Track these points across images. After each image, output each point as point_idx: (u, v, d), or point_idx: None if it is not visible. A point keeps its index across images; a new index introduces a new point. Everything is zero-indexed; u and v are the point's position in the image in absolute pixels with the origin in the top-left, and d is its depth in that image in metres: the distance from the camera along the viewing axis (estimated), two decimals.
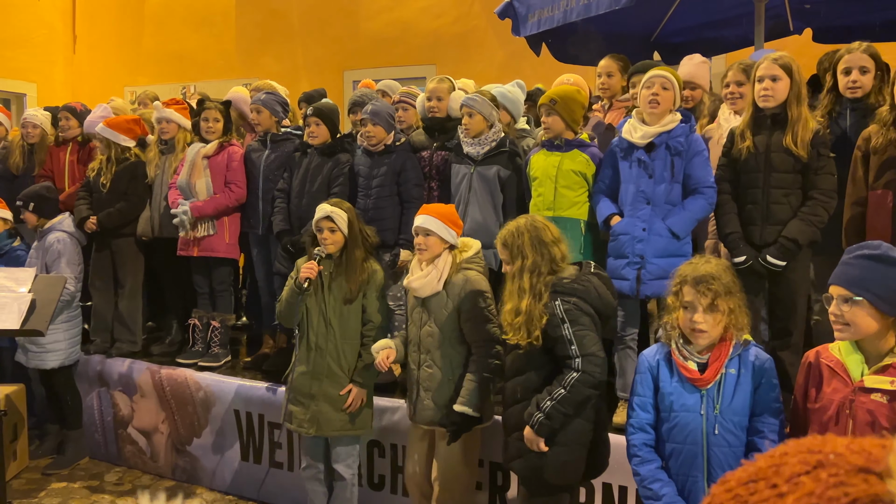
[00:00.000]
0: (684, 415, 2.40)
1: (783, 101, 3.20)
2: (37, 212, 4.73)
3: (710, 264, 2.43)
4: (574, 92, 3.71)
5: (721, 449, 2.36)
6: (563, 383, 2.68)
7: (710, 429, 2.36)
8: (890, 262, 2.08)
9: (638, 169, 3.43)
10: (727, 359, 2.38)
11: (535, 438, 2.74)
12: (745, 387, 2.37)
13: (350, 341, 3.52)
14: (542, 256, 2.77)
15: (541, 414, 2.70)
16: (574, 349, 2.67)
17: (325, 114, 4.30)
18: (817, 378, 2.29)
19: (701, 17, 5.58)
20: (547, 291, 2.73)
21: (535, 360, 2.79)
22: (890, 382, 2.10)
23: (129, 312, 4.98)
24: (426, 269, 3.22)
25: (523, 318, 2.72)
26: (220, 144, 4.66)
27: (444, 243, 3.23)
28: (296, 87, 7.42)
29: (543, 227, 2.83)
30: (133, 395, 4.81)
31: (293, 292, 3.48)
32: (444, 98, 4.24)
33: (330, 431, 3.53)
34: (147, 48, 9.53)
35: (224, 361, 4.72)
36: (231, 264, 4.81)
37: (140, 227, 4.91)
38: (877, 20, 5.07)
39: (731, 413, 2.35)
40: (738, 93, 3.63)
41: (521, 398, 2.82)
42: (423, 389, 3.28)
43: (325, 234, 3.47)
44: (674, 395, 2.43)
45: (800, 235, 3.16)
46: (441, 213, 3.25)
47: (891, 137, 3.07)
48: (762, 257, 3.21)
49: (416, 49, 8.15)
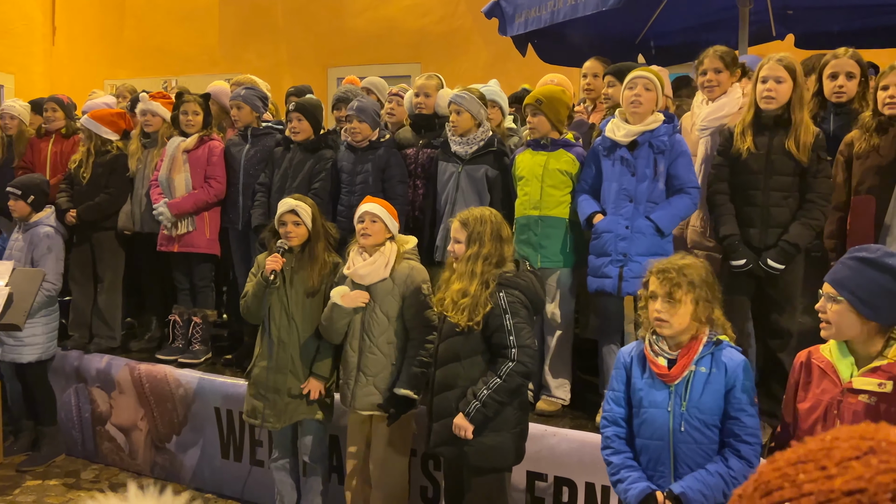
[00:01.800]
0: (652, 411, 2.42)
1: (785, 103, 3.20)
2: (34, 205, 4.65)
3: (685, 259, 2.44)
4: (559, 92, 3.73)
5: (688, 446, 2.37)
6: (499, 373, 2.84)
7: (677, 425, 2.37)
8: (880, 267, 2.09)
9: (621, 167, 3.45)
10: (696, 356, 2.38)
11: (466, 426, 2.86)
12: (716, 386, 2.36)
13: (313, 335, 3.55)
14: (496, 249, 2.93)
15: (477, 402, 2.83)
16: (512, 339, 2.84)
17: (308, 109, 4.28)
18: (808, 378, 2.31)
19: (685, 20, 5.61)
20: (494, 282, 2.89)
21: (470, 347, 2.91)
22: (878, 384, 2.12)
23: (108, 307, 4.91)
24: (373, 257, 3.32)
25: (469, 300, 2.86)
26: (201, 138, 4.61)
27: (388, 232, 3.35)
28: (279, 83, 7.38)
29: (503, 223, 3.00)
30: (111, 391, 4.75)
31: (259, 286, 3.51)
32: (431, 94, 4.23)
33: (296, 417, 3.57)
34: (128, 41, 9.42)
35: (205, 358, 4.67)
36: (212, 260, 4.76)
37: (121, 222, 4.85)
38: (857, 27, 5.14)
39: (698, 411, 2.35)
40: (715, 80, 3.56)
41: (452, 385, 2.94)
42: (364, 375, 3.34)
43: (289, 228, 3.51)
44: (643, 390, 2.46)
45: (800, 239, 3.17)
46: (385, 204, 3.41)
47: (873, 143, 3.11)
48: (762, 260, 3.21)
49: (401, 47, 8.14)
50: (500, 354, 2.87)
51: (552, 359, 3.74)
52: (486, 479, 2.97)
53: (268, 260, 3.49)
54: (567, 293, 3.72)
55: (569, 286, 3.71)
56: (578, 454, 3.38)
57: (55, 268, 4.59)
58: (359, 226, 3.35)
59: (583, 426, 3.52)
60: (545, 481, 3.47)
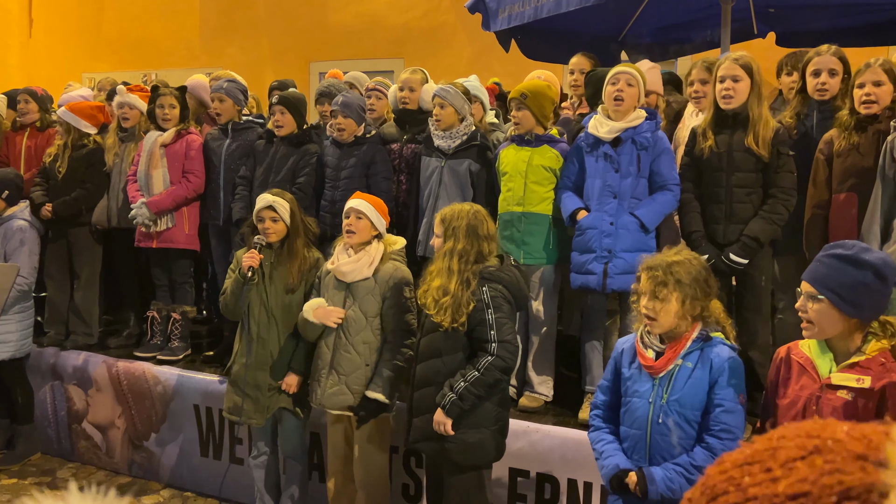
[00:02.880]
0: (636, 400, 2.45)
1: (744, 101, 3.25)
2: (8, 200, 4.57)
3: (677, 255, 2.43)
4: (544, 87, 3.71)
5: (663, 437, 2.38)
6: (478, 366, 2.82)
7: (656, 417, 2.38)
8: (858, 264, 2.09)
9: (604, 163, 3.46)
10: (683, 350, 2.38)
11: (445, 420, 2.85)
12: (699, 382, 2.36)
13: (292, 331, 3.52)
14: (472, 246, 2.89)
15: (453, 395, 2.83)
16: (493, 334, 2.82)
17: (292, 103, 4.23)
18: (787, 374, 2.32)
19: (668, 18, 5.63)
20: (475, 279, 2.86)
21: (453, 344, 2.89)
22: (856, 380, 2.13)
23: (84, 304, 4.84)
24: (358, 255, 3.28)
25: (450, 300, 2.84)
26: (178, 132, 4.54)
27: (374, 230, 3.30)
28: (261, 78, 7.32)
29: (483, 220, 2.95)
30: (88, 389, 4.68)
31: (237, 283, 3.47)
32: (416, 89, 4.21)
33: (274, 407, 3.54)
34: (107, 34, 9.29)
35: (183, 355, 4.61)
36: (191, 256, 4.70)
37: (95, 216, 4.77)
38: (838, 26, 5.18)
39: (678, 404, 2.36)
40: (702, 91, 3.67)
41: (433, 381, 2.93)
42: (337, 373, 3.31)
43: (266, 224, 3.47)
44: (630, 380, 2.49)
45: (761, 234, 3.21)
46: (374, 201, 3.33)
47: (853, 141, 3.13)
48: (725, 255, 3.25)
49: (384, 42, 8.10)
50: (481, 348, 2.86)
51: (535, 355, 3.73)
52: (466, 476, 2.95)
53: (245, 257, 3.46)
54: (550, 290, 3.71)
55: (552, 283, 3.71)
56: (561, 450, 3.38)
57: (29, 262, 4.51)
58: (345, 221, 3.31)
59: (565, 422, 3.52)
60: (527, 478, 3.46)
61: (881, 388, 2.09)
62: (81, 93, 5.25)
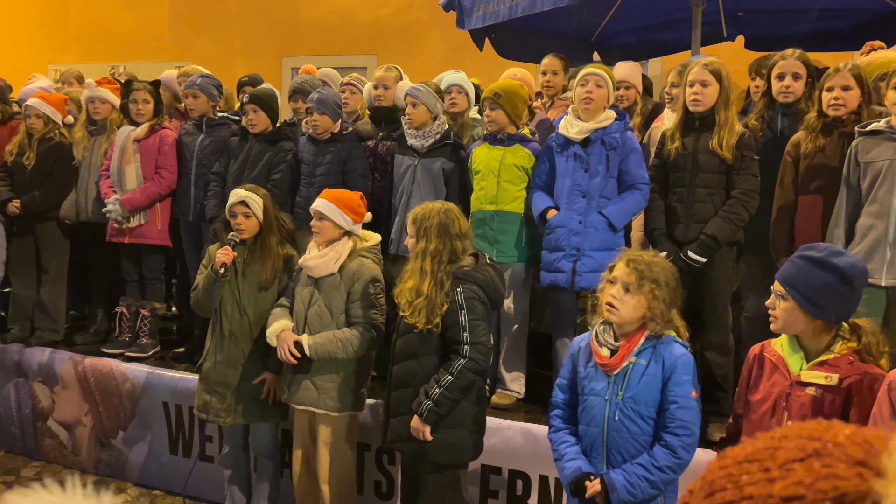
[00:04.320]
0: (592, 398, 2.47)
1: (712, 105, 3.31)
2: None
3: (656, 257, 2.46)
4: (517, 86, 3.74)
5: (620, 435, 2.40)
6: (451, 370, 2.82)
7: (612, 414, 2.41)
8: (825, 267, 2.14)
9: (574, 163, 3.51)
10: (636, 347, 2.39)
11: (423, 427, 2.85)
12: (653, 379, 2.37)
13: (265, 329, 3.46)
14: (444, 245, 2.87)
15: (429, 402, 2.82)
16: (466, 336, 2.82)
17: (264, 100, 4.20)
18: (760, 371, 2.37)
19: (640, 20, 5.70)
20: (448, 280, 2.85)
21: (428, 345, 2.89)
22: (824, 377, 2.19)
23: (51, 299, 4.75)
24: (324, 251, 3.25)
25: (424, 301, 2.82)
26: (151, 127, 4.48)
27: (339, 229, 3.25)
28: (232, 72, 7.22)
29: (454, 219, 2.93)
30: (54, 386, 4.60)
31: (209, 279, 3.43)
32: (390, 87, 4.20)
33: (248, 419, 3.51)
34: (74, 25, 9.11)
35: (152, 352, 4.56)
36: (163, 251, 4.64)
37: (64, 211, 4.69)
38: (805, 30, 5.29)
39: (633, 402, 2.38)
40: (673, 94, 3.73)
41: (410, 382, 2.93)
42: (302, 369, 3.28)
43: (239, 220, 3.43)
44: (586, 378, 2.50)
45: (719, 233, 3.27)
46: (340, 199, 3.26)
47: (819, 144, 3.20)
48: (683, 253, 3.31)
49: (357, 39, 8.06)
50: (453, 350, 2.85)
51: (507, 352, 3.75)
52: (443, 476, 2.96)
53: (218, 253, 3.41)
54: (521, 288, 3.74)
55: (523, 280, 3.74)
56: (533, 447, 3.40)
57: None
58: (312, 221, 3.30)
59: (537, 419, 3.55)
60: (499, 474, 3.48)
61: (847, 386, 2.15)
62: (41, 84, 5.13)
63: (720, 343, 3.40)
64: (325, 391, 3.25)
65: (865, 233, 3.00)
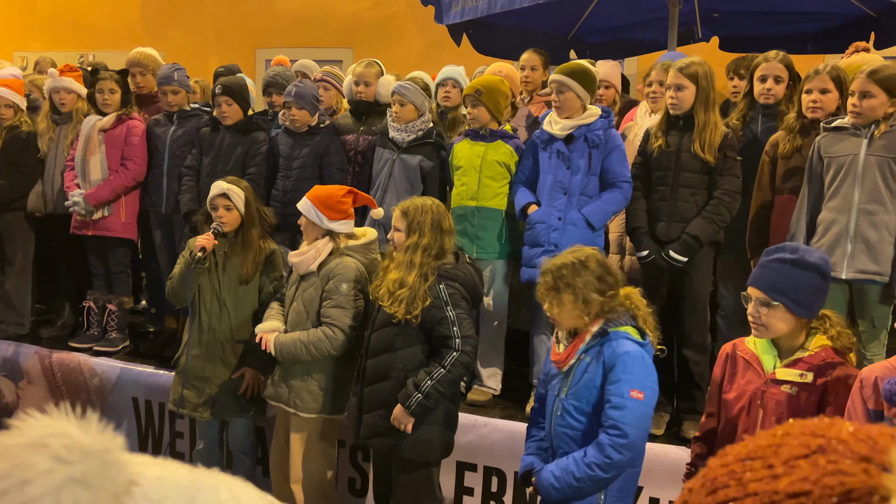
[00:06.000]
0: (549, 394, 2.54)
1: (690, 107, 3.33)
2: None
3: (568, 256, 2.41)
4: (498, 83, 3.73)
5: (563, 430, 2.43)
6: (444, 363, 2.81)
7: (557, 410, 2.45)
8: (806, 266, 2.17)
9: (557, 160, 3.51)
10: (582, 345, 2.39)
11: (406, 419, 2.83)
12: (593, 376, 2.36)
13: (245, 322, 3.44)
14: (436, 240, 2.89)
15: (419, 394, 2.80)
16: (456, 330, 2.82)
17: (236, 91, 4.12)
18: (733, 369, 2.39)
19: (616, 18, 5.73)
20: (433, 275, 2.85)
21: (407, 338, 2.87)
22: (799, 375, 2.22)
23: (16, 292, 4.63)
24: (305, 248, 3.23)
25: (407, 292, 2.81)
26: (119, 117, 4.37)
27: (319, 228, 3.17)
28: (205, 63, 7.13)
29: (445, 215, 2.96)
30: (19, 381, 4.49)
31: (186, 264, 3.35)
32: (371, 83, 4.17)
33: (225, 414, 3.47)
34: (42, 11, 8.89)
35: (122, 346, 4.47)
36: (128, 244, 4.54)
37: (31, 203, 4.56)
38: (778, 33, 5.36)
39: (574, 398, 2.40)
40: (659, 92, 3.74)
41: (385, 376, 2.90)
42: (280, 367, 3.24)
43: (220, 213, 3.37)
44: (549, 374, 2.57)
45: (701, 233, 3.29)
46: (317, 197, 3.15)
47: (797, 144, 3.24)
48: (665, 252, 3.33)
49: (333, 31, 7.99)
50: (444, 345, 2.84)
51: (484, 349, 3.74)
52: (417, 474, 2.95)
53: (199, 237, 3.33)
54: (501, 284, 3.74)
55: (503, 277, 3.74)
56: (509, 444, 3.40)
57: None
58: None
59: (513, 416, 3.55)
60: (475, 471, 3.48)
61: (823, 383, 2.18)
62: (12, 71, 5.00)
63: (698, 342, 3.43)
64: (294, 391, 3.20)
65: (828, 227, 3.04)
